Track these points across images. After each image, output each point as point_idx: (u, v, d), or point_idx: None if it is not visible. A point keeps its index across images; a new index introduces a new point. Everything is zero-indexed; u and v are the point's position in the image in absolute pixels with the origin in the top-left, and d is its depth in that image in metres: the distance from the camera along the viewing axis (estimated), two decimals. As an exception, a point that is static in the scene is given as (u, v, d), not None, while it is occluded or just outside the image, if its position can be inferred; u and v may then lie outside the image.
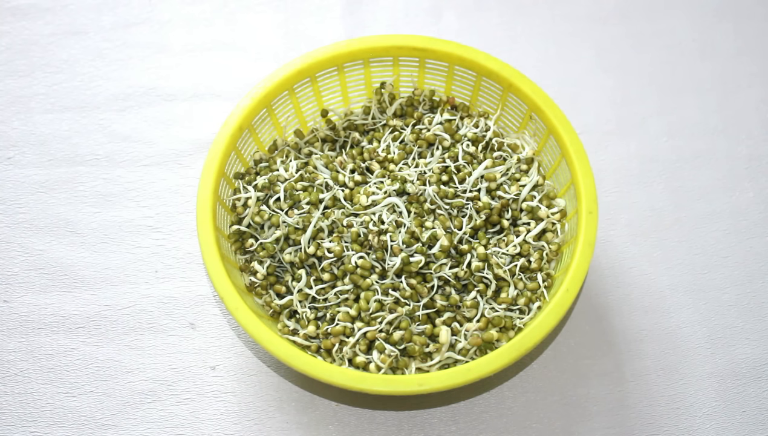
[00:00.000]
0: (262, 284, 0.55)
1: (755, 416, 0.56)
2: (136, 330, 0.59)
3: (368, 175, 0.58)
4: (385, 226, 0.54)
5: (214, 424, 0.56)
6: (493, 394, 0.57)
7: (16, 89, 0.68)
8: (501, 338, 0.52)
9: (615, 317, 0.60)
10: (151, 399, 0.56)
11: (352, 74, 0.60)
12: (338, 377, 0.48)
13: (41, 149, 0.66)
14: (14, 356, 0.58)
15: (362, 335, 0.52)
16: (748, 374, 0.58)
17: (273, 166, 0.58)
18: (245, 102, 0.56)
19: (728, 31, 0.72)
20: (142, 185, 0.64)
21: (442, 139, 0.58)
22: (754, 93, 0.69)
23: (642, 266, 0.61)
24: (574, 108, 0.64)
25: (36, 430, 0.55)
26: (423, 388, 0.47)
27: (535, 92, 0.56)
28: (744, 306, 0.60)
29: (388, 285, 0.53)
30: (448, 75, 0.60)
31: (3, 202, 0.63)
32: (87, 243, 0.62)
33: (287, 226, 0.55)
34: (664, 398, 0.57)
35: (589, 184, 0.53)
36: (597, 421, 0.56)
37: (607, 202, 0.64)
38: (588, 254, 0.50)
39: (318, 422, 0.56)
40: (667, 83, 0.70)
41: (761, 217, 0.64)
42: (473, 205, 0.56)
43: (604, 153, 0.66)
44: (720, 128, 0.67)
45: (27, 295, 0.60)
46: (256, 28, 0.72)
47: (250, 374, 0.57)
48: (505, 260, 0.55)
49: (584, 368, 0.58)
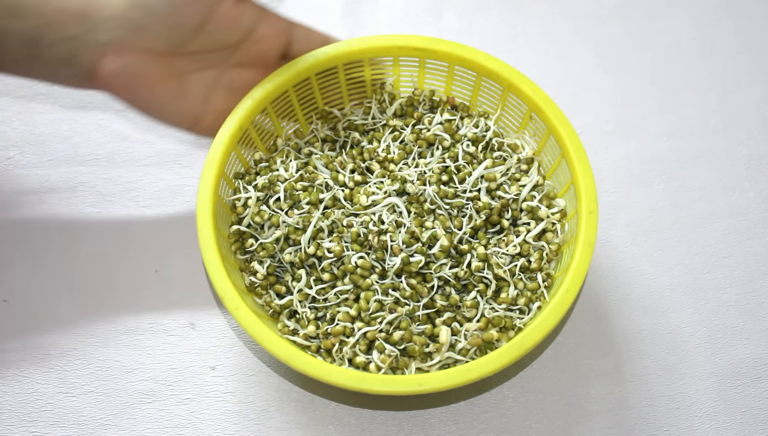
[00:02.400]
0: (262, 284, 0.55)
1: (755, 416, 0.56)
2: (136, 330, 0.59)
3: (368, 175, 0.58)
4: (385, 226, 0.54)
5: (214, 424, 0.56)
6: (493, 394, 0.57)
7: (16, 89, 0.68)
8: (501, 338, 0.52)
9: (615, 317, 0.60)
10: (151, 399, 0.56)
11: (352, 74, 0.60)
12: (338, 377, 0.48)
13: (41, 149, 0.66)
14: (14, 356, 0.58)
15: (362, 335, 0.52)
16: (748, 374, 0.58)
17: (273, 166, 0.58)
18: (245, 102, 0.56)
19: (728, 30, 0.72)
20: (142, 185, 0.64)
21: (442, 139, 0.58)
22: (754, 92, 0.69)
23: (642, 266, 0.61)
24: (574, 108, 0.64)
25: (36, 430, 0.55)
26: (423, 388, 0.47)
27: (535, 92, 0.56)
28: (744, 306, 0.60)
29: (388, 285, 0.53)
30: (448, 75, 0.60)
31: (3, 202, 0.63)
32: (87, 243, 0.62)
33: (287, 226, 0.55)
34: (664, 398, 0.57)
35: (589, 184, 0.53)
36: (597, 421, 0.56)
37: (607, 203, 0.64)
38: (588, 254, 0.50)
39: (318, 422, 0.56)
40: (667, 83, 0.70)
41: (761, 217, 0.64)
42: (473, 205, 0.56)
43: (604, 153, 0.66)
44: (720, 128, 0.67)
45: (27, 295, 0.60)
46: (256, 28, 0.72)
47: (250, 374, 0.57)
48: (505, 260, 0.55)
49: (584, 368, 0.58)
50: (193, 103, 0.55)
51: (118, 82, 0.52)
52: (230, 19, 0.54)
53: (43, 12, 0.50)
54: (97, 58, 0.51)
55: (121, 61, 0.52)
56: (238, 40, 0.55)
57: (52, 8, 0.51)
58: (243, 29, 0.55)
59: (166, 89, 0.54)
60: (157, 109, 0.55)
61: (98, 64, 0.51)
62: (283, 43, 0.58)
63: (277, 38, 0.57)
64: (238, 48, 0.56)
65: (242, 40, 0.56)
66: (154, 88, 0.53)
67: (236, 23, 0.54)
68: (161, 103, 0.54)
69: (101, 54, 0.51)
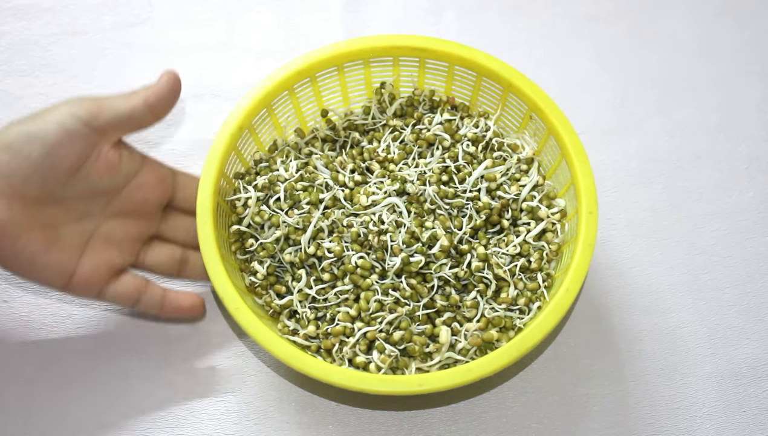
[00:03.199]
0: (262, 284, 0.55)
1: (755, 416, 0.56)
2: (136, 330, 0.59)
3: (368, 175, 0.58)
4: (385, 226, 0.54)
5: (214, 424, 0.56)
6: (493, 394, 0.57)
7: (16, 89, 0.68)
8: (501, 338, 0.52)
9: (615, 317, 0.60)
10: (151, 399, 0.56)
11: (352, 74, 0.60)
12: (338, 377, 0.48)
13: (41, 149, 0.65)
14: (14, 356, 0.58)
15: (362, 335, 0.52)
16: (748, 374, 0.58)
17: (273, 166, 0.58)
18: (245, 102, 0.56)
19: (728, 30, 0.72)
20: (142, 185, 0.64)
21: (442, 139, 0.58)
22: (754, 92, 0.69)
23: (642, 266, 0.61)
24: (574, 108, 0.64)
25: (36, 430, 0.55)
26: (423, 388, 0.47)
27: (535, 92, 0.56)
28: (744, 306, 0.60)
29: (388, 285, 0.53)
30: (448, 75, 0.60)
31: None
32: (87, 243, 0.62)
33: (287, 226, 0.55)
34: (664, 398, 0.57)
35: (589, 184, 0.53)
36: (597, 421, 0.56)
37: (607, 203, 0.64)
38: (588, 254, 0.50)
39: (318, 422, 0.56)
40: (667, 83, 0.70)
41: (761, 217, 0.64)
42: (473, 205, 0.56)
43: (604, 153, 0.66)
44: (720, 128, 0.67)
45: (27, 295, 0.60)
46: (256, 28, 0.72)
47: (250, 374, 0.57)
48: (505, 260, 0.55)
49: (584, 368, 0.58)
50: (67, 255, 0.50)
51: None
52: (108, 163, 0.50)
53: None
54: None
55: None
56: (116, 187, 0.52)
57: None
58: (122, 175, 0.52)
59: (36, 240, 0.48)
60: (26, 263, 0.49)
61: None
62: (166, 191, 0.54)
63: (158, 185, 0.54)
64: (116, 196, 0.52)
65: (121, 187, 0.52)
66: (22, 239, 0.48)
67: (114, 168, 0.51)
68: (29, 256, 0.48)
69: None
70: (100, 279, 0.52)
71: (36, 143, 0.47)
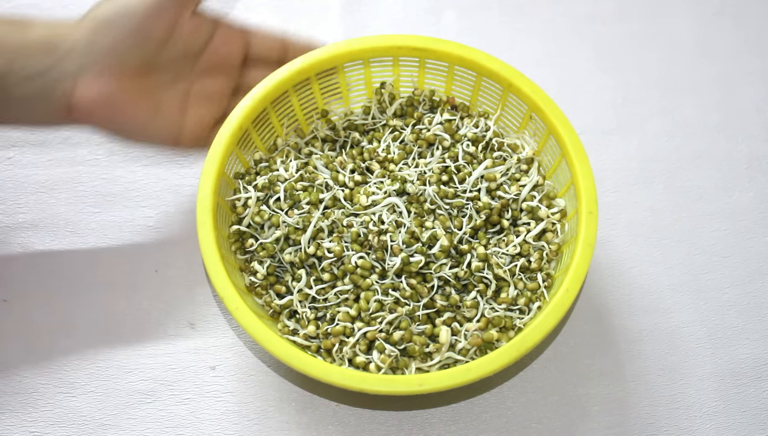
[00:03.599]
0: (262, 284, 0.55)
1: (755, 416, 0.56)
2: (136, 330, 0.59)
3: (368, 175, 0.58)
4: (385, 226, 0.54)
5: (214, 424, 0.56)
6: (493, 394, 0.57)
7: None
8: (501, 338, 0.52)
9: (615, 317, 0.60)
10: (151, 399, 0.56)
11: (352, 74, 0.60)
12: (338, 377, 0.48)
13: (41, 149, 0.66)
14: (14, 356, 0.58)
15: (362, 335, 0.52)
16: (748, 374, 0.58)
17: (273, 166, 0.58)
18: (245, 102, 0.56)
19: (728, 30, 0.72)
20: (142, 185, 0.64)
21: (442, 139, 0.58)
22: (754, 93, 0.69)
23: (642, 266, 0.61)
24: (574, 108, 0.64)
25: (36, 430, 0.55)
26: (423, 388, 0.47)
27: (535, 92, 0.56)
28: (744, 306, 0.60)
29: (388, 285, 0.53)
30: (448, 75, 0.60)
31: (3, 202, 0.63)
32: (87, 243, 0.62)
33: (287, 226, 0.55)
34: (664, 398, 0.57)
35: (589, 184, 0.53)
36: (597, 421, 0.56)
37: (607, 203, 0.64)
38: (588, 254, 0.50)
39: (318, 422, 0.56)
40: (667, 83, 0.70)
41: (761, 217, 0.64)
42: (473, 205, 0.56)
43: (604, 153, 0.66)
44: (720, 128, 0.68)
45: (27, 295, 0.60)
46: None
47: (250, 374, 0.57)
48: (505, 260, 0.55)
49: (584, 368, 0.58)
50: (171, 117, 0.56)
51: (96, 109, 0.52)
52: (190, 28, 0.55)
53: (5, 49, 0.49)
54: (71, 89, 0.51)
55: (96, 87, 0.51)
56: (199, 49, 0.56)
57: (14, 44, 0.49)
58: (203, 38, 0.56)
59: (144, 108, 0.54)
60: (139, 131, 0.55)
61: (73, 95, 0.51)
62: (242, 47, 0.59)
63: (234, 43, 0.58)
64: (200, 57, 0.57)
65: (203, 48, 0.57)
66: (132, 109, 0.53)
67: (196, 33, 0.55)
68: (142, 124, 0.54)
69: (74, 84, 0.50)
70: (204, 130, 0.58)
71: (131, 17, 0.51)
